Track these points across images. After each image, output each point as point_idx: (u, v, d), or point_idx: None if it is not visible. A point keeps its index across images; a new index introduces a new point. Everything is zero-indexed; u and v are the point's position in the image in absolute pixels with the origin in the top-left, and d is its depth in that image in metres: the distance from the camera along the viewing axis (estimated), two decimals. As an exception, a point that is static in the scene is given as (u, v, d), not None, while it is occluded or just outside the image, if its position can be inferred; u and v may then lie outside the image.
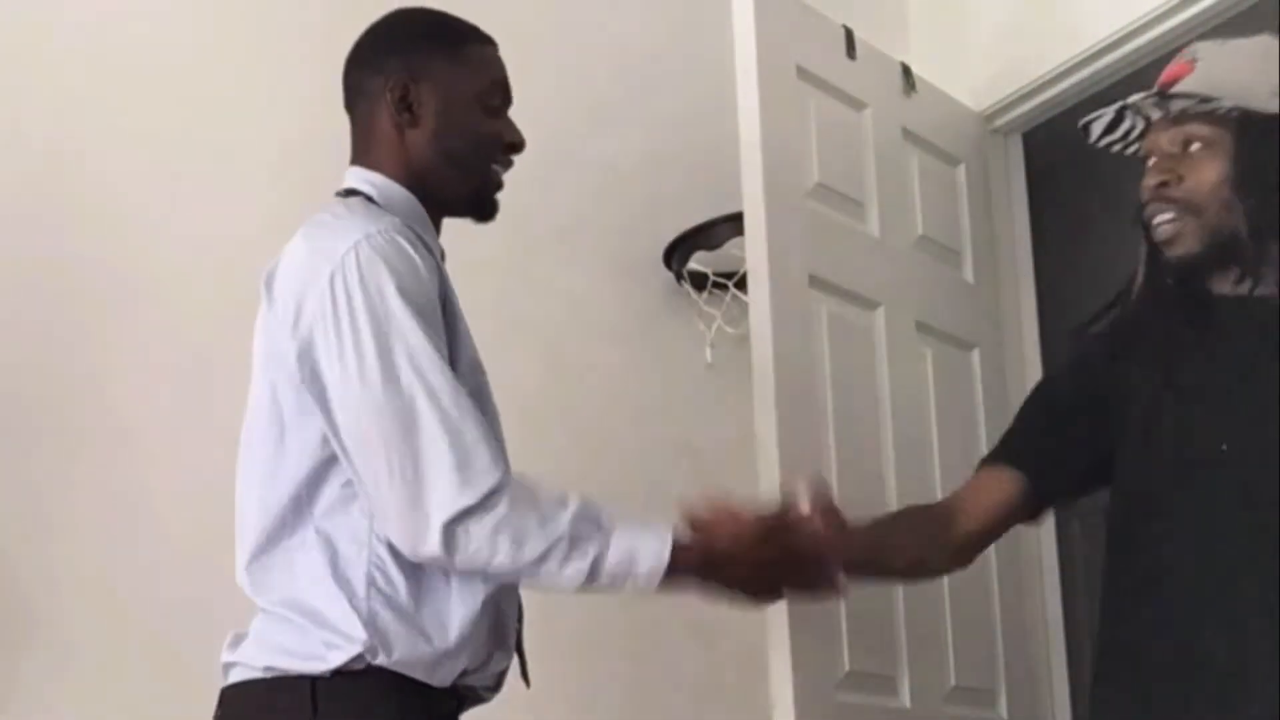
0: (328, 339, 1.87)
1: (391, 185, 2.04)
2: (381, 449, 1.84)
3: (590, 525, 1.87)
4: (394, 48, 2.07)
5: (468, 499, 1.82)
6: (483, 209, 2.11)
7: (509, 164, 2.12)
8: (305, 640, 1.86)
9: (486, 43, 2.14)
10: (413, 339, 1.85)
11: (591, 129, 3.39)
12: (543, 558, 1.84)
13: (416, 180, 2.05)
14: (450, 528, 1.81)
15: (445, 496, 1.82)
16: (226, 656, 1.94)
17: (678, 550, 1.88)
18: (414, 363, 1.85)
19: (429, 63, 2.05)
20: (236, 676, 1.92)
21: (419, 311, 1.87)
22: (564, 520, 1.85)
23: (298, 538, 1.91)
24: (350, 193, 2.04)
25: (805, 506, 2.03)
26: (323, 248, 1.91)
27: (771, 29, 2.90)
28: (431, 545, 1.82)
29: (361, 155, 2.08)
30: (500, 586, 1.95)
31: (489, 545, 1.82)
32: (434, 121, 2.04)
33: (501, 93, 2.11)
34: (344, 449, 1.88)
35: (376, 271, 1.87)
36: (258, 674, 1.89)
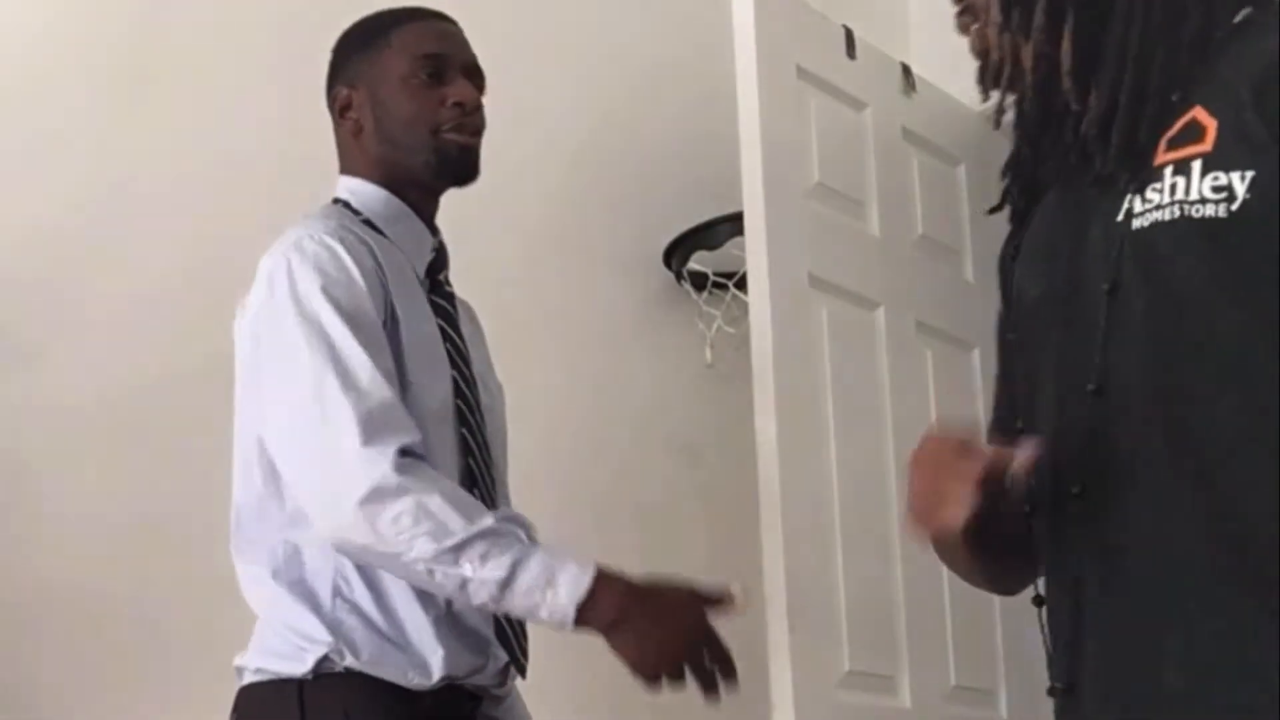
0: (262, 336, 1.99)
1: (366, 186, 2.14)
2: (301, 437, 1.91)
3: (517, 530, 1.86)
4: (334, 67, 2.21)
5: (383, 455, 1.83)
6: (451, 173, 2.15)
7: (466, 122, 2.14)
8: (285, 644, 1.95)
9: (410, 20, 2.19)
10: (332, 331, 1.92)
11: (591, 129, 3.39)
12: (461, 547, 1.82)
13: (383, 175, 2.15)
14: (367, 506, 1.82)
15: (364, 455, 1.84)
16: (236, 661, 2.01)
17: (601, 583, 1.83)
18: (331, 353, 1.90)
19: (358, 68, 2.17)
20: (243, 680, 2.00)
21: (340, 308, 1.94)
22: (489, 516, 1.85)
23: (267, 549, 1.98)
24: (335, 200, 2.15)
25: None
26: (271, 252, 2.02)
27: (771, 29, 2.90)
28: (347, 525, 1.84)
29: (342, 167, 2.19)
30: None
31: (410, 526, 1.82)
32: (372, 117, 2.14)
33: (432, 62, 2.14)
34: (274, 444, 1.95)
35: (304, 273, 1.96)
36: (254, 677, 1.98)
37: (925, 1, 3.72)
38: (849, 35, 3.12)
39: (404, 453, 1.86)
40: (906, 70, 3.27)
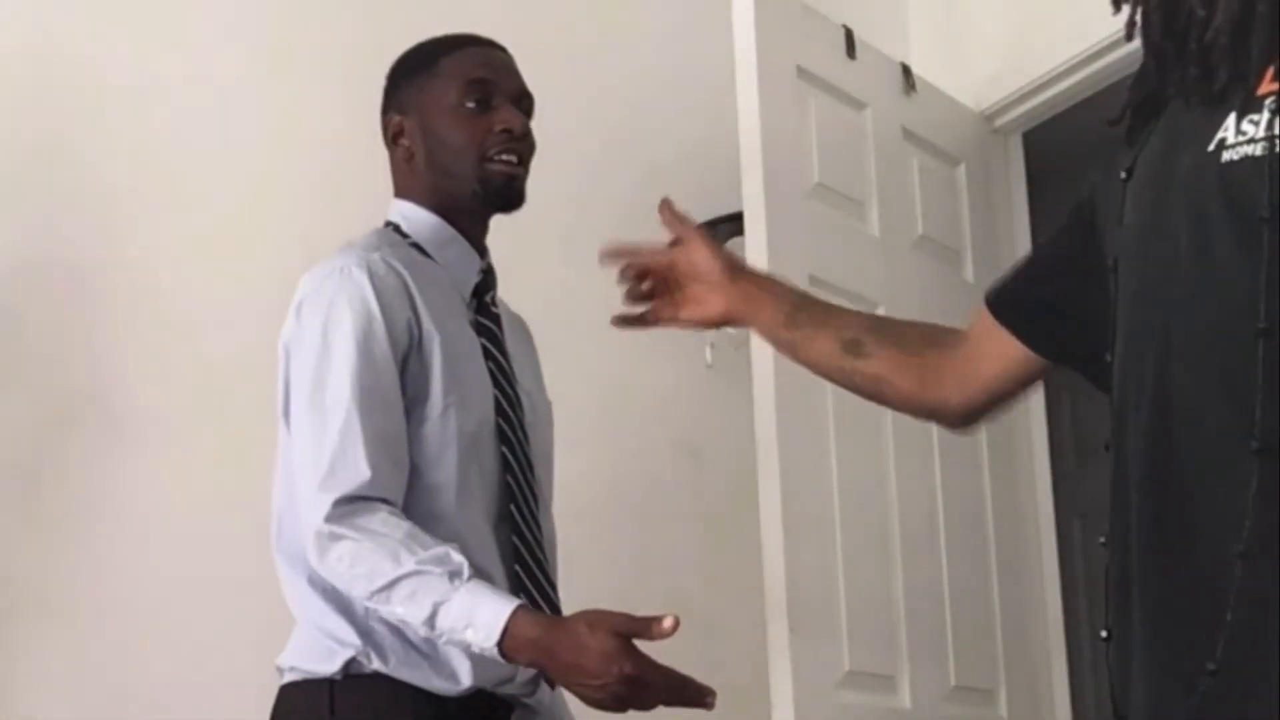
0: (290, 361, 2.06)
1: (417, 211, 2.18)
2: (298, 461, 2.01)
3: (436, 570, 1.90)
4: (387, 95, 2.25)
5: (323, 503, 1.93)
6: (498, 201, 2.20)
7: (514, 148, 2.17)
8: (316, 645, 2.01)
9: (459, 47, 2.22)
10: (338, 365, 1.99)
11: (591, 129, 3.39)
12: (390, 588, 1.90)
13: (434, 200, 2.18)
14: (312, 550, 1.95)
15: (312, 500, 1.95)
16: (276, 661, 2.08)
17: (517, 624, 1.87)
18: (334, 390, 1.99)
19: (409, 95, 2.20)
20: (282, 679, 2.07)
21: (348, 347, 2.01)
22: (412, 558, 1.90)
23: (304, 556, 2.02)
24: (388, 223, 2.20)
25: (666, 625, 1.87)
26: (307, 276, 2.09)
27: (771, 29, 2.90)
28: (310, 553, 1.96)
29: (396, 190, 2.23)
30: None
31: (348, 569, 1.92)
32: (424, 145, 2.18)
33: (480, 89, 2.17)
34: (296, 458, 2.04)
35: (325, 307, 2.04)
36: (290, 676, 2.05)
37: (925, 1, 3.72)
38: (849, 35, 3.12)
39: (346, 500, 1.94)
40: (906, 70, 3.27)
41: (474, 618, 1.87)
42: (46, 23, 3.04)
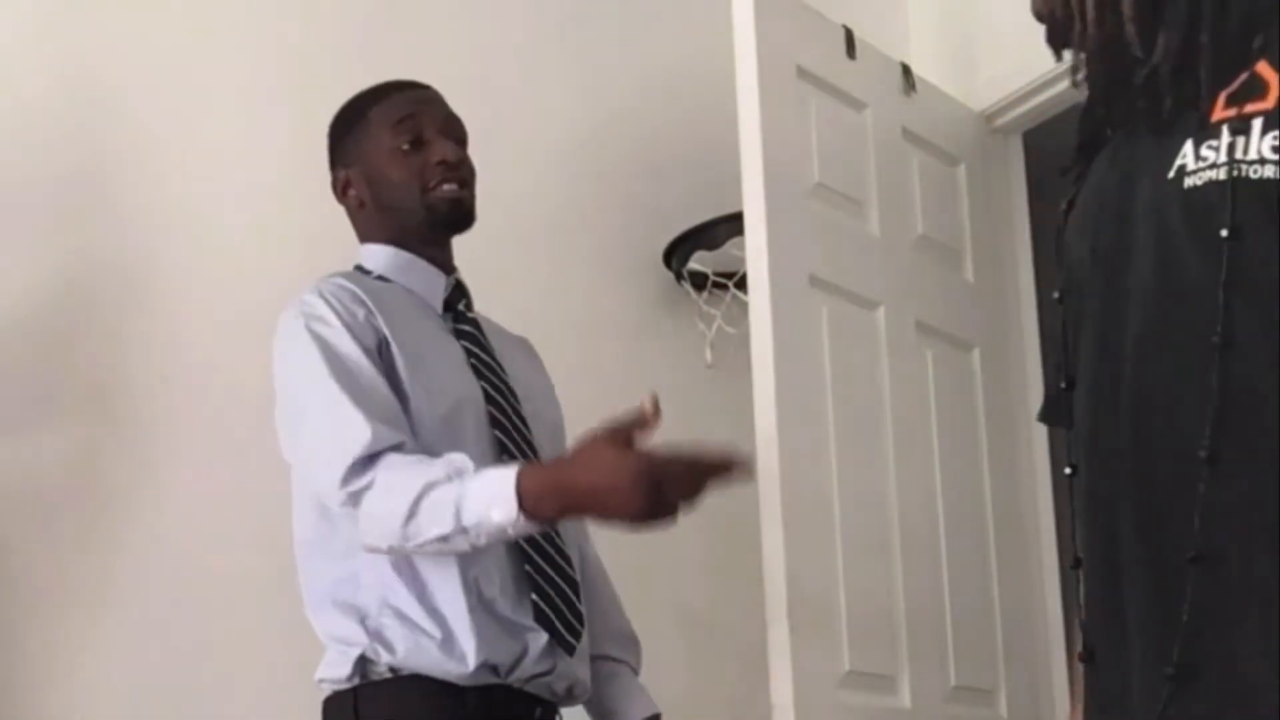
0: (277, 393, 2.19)
1: (378, 249, 2.32)
2: (297, 446, 2.13)
3: (446, 475, 1.95)
4: (331, 152, 2.41)
5: (337, 478, 2.00)
6: (445, 225, 2.32)
7: (454, 176, 2.29)
8: (334, 655, 2.11)
9: (384, 96, 2.35)
10: (311, 375, 2.10)
11: (592, 129, 3.39)
12: (412, 518, 1.95)
13: (390, 235, 2.32)
14: (346, 513, 2.01)
15: (328, 486, 2.02)
16: (315, 676, 2.17)
17: (526, 485, 1.90)
18: (312, 393, 2.10)
19: (348, 149, 2.35)
20: (323, 696, 2.16)
21: (324, 347, 2.12)
22: (415, 482, 1.95)
23: (329, 579, 2.13)
24: (355, 267, 2.33)
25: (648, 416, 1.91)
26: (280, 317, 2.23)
27: (771, 29, 2.90)
28: (358, 534, 2.03)
29: (359, 238, 2.38)
30: (479, 567, 2.08)
31: (379, 527, 1.99)
32: (369, 191, 2.32)
33: (410, 128, 2.30)
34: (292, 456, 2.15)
35: (291, 340, 2.16)
36: (324, 690, 2.14)
37: (925, 1, 3.72)
38: (849, 35, 3.12)
39: (355, 464, 2.00)
40: (906, 70, 3.27)
41: (491, 497, 1.90)
42: (81, 57, 3.06)
